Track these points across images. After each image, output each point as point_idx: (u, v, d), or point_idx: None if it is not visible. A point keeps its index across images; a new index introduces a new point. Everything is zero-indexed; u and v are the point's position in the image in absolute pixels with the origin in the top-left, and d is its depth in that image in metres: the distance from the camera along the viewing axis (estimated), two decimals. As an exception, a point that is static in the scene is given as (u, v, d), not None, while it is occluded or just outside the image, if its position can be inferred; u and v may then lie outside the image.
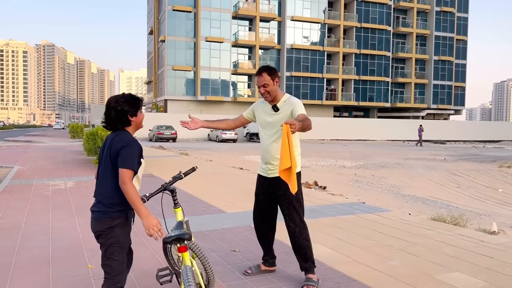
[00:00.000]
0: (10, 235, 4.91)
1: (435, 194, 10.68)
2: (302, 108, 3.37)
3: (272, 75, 3.40)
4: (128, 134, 2.58)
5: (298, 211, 3.42)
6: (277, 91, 3.44)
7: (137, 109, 2.62)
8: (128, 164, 2.43)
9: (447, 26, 57.92)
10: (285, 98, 3.46)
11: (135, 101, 2.62)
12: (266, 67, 3.42)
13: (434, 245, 4.60)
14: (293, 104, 3.38)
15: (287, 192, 3.30)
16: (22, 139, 34.21)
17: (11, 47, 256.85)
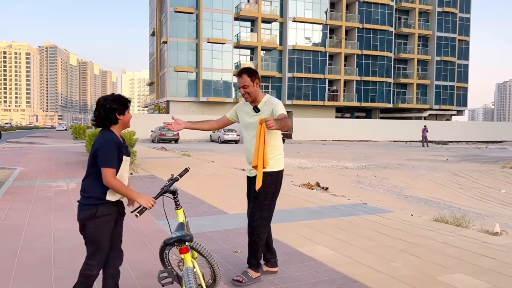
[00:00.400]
0: (12, 236, 4.92)
1: (437, 195, 10.66)
2: (282, 108, 3.42)
3: (252, 76, 3.44)
4: (107, 134, 2.74)
5: (262, 208, 3.46)
6: (257, 92, 3.49)
7: (125, 108, 2.78)
8: (107, 163, 2.62)
9: (449, 27, 57.82)
10: (265, 99, 3.51)
11: (123, 100, 2.78)
12: (246, 69, 3.47)
13: (437, 246, 4.59)
14: (273, 104, 3.43)
15: (258, 189, 3.38)
16: (24, 140, 34.29)
17: (14, 49, 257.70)
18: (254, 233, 3.47)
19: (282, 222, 5.74)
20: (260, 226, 3.47)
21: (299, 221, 5.79)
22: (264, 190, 3.43)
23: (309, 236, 5.01)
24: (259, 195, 3.44)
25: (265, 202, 3.47)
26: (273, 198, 3.53)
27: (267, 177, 3.42)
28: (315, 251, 4.41)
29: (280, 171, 3.53)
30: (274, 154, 3.47)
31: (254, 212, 3.47)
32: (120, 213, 2.87)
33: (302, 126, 42.73)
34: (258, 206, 3.46)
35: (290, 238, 4.93)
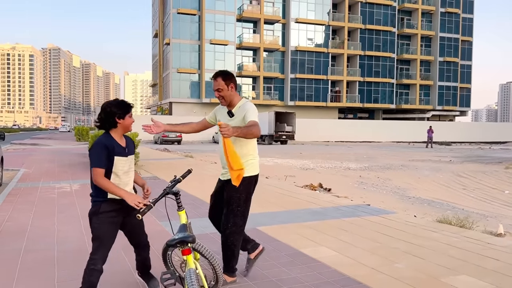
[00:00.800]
0: (16, 238, 4.93)
1: (440, 196, 10.62)
2: (253, 114, 3.33)
3: (227, 80, 3.39)
4: (101, 137, 2.94)
5: (235, 215, 3.41)
6: (233, 96, 3.43)
7: (125, 113, 2.93)
8: (93, 163, 2.84)
9: (452, 27, 57.73)
10: (240, 103, 3.46)
11: (124, 105, 2.95)
12: (221, 72, 3.43)
13: (440, 248, 4.57)
14: (246, 109, 3.37)
15: (230, 195, 3.38)
16: (28, 142, 34.40)
17: (17, 51, 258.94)
18: (228, 240, 3.43)
19: (285, 223, 5.73)
20: (234, 233, 3.43)
21: (302, 222, 5.78)
22: (236, 196, 3.39)
23: (312, 237, 5.00)
24: (232, 202, 3.40)
25: (238, 208, 3.42)
26: (246, 204, 3.48)
27: (240, 183, 3.36)
28: (318, 252, 4.40)
29: (252, 176, 3.47)
30: (246, 159, 3.42)
31: (228, 219, 3.42)
32: (129, 209, 2.92)
33: (304, 127, 42.70)
34: (231, 213, 3.41)
35: (292, 239, 4.92)
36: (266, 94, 51.35)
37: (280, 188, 9.20)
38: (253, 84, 51.79)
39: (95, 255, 2.88)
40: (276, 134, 36.71)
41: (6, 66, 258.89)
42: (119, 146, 2.95)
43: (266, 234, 5.13)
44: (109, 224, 2.91)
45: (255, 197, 7.99)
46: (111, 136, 2.95)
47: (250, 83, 51.75)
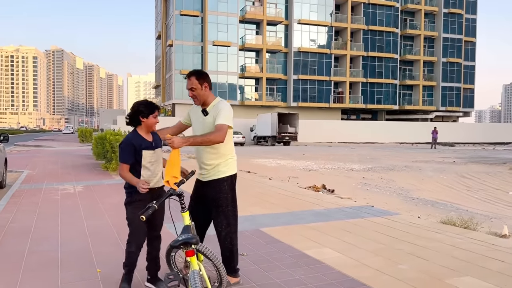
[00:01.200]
0: (20, 239, 4.95)
1: (444, 197, 10.58)
2: (224, 117, 3.31)
3: (201, 79, 3.41)
4: (130, 134, 3.29)
5: (227, 216, 3.46)
6: (206, 95, 3.44)
7: (149, 113, 3.22)
8: (120, 159, 3.21)
9: (455, 28, 57.57)
10: (215, 102, 3.46)
11: (149, 106, 3.24)
12: (195, 71, 3.46)
13: (444, 249, 4.55)
14: (219, 109, 3.35)
15: (218, 196, 3.41)
16: (31, 143, 34.53)
17: (21, 53, 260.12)
18: (226, 241, 3.47)
19: (288, 224, 5.72)
20: (230, 233, 3.48)
21: (305, 224, 5.76)
22: (224, 197, 3.42)
23: (316, 239, 4.99)
24: (221, 203, 3.43)
25: (228, 208, 3.46)
26: (234, 203, 3.52)
27: (223, 183, 3.43)
28: (321, 254, 4.39)
29: (233, 174, 3.52)
30: (225, 159, 3.45)
31: (221, 221, 3.45)
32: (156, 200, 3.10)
33: (307, 128, 42.67)
34: (223, 214, 3.45)
35: (296, 240, 4.91)
36: (269, 95, 51.36)
37: (283, 189, 9.19)
38: (256, 85, 51.80)
39: (130, 239, 3.31)
40: (279, 135, 36.71)
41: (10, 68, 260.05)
42: (145, 141, 3.26)
43: (270, 236, 5.12)
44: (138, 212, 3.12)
45: (259, 198, 8.00)
46: (137, 133, 3.27)
47: (253, 84, 51.76)
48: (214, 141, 3.21)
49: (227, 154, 3.48)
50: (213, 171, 3.44)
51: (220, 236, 3.49)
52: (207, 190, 3.49)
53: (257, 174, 12.88)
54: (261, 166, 16.36)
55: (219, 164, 3.44)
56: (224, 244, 3.48)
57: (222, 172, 3.43)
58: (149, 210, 2.67)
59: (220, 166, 3.44)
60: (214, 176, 3.44)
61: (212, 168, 3.44)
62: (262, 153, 24.82)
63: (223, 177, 3.44)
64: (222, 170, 3.44)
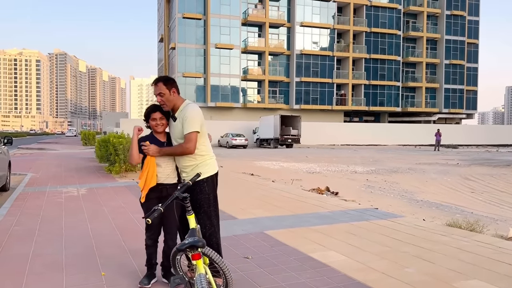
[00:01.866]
0: (24, 242, 4.94)
1: (449, 199, 10.52)
2: (189, 125, 3.32)
3: (168, 84, 3.41)
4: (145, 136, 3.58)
5: (209, 216, 3.48)
6: (175, 100, 3.44)
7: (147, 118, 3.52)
8: None
9: (458, 30, 57.50)
10: (182, 107, 3.45)
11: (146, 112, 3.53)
12: (162, 77, 3.47)
13: (450, 252, 4.52)
14: (185, 116, 3.35)
15: (199, 197, 3.43)
16: (35, 146, 34.62)
17: (24, 56, 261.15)
18: (211, 241, 3.45)
19: (293, 227, 5.70)
20: (214, 233, 3.51)
21: (310, 226, 5.74)
22: (206, 197, 3.45)
23: (320, 242, 4.96)
24: (202, 203, 3.44)
25: (210, 209, 3.48)
26: (215, 202, 3.55)
27: (203, 184, 3.43)
28: (327, 257, 4.36)
29: (213, 174, 3.54)
30: (202, 160, 3.47)
31: (204, 221, 3.46)
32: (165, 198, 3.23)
33: (310, 131, 42.64)
34: (206, 215, 3.46)
35: (301, 243, 4.88)
36: (271, 98, 51.37)
37: (287, 192, 9.16)
38: (258, 88, 51.82)
39: (146, 234, 3.58)
40: (282, 138, 36.68)
41: (13, 71, 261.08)
42: (156, 140, 3.50)
43: (274, 238, 5.09)
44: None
45: (262, 201, 7.97)
46: (152, 135, 3.56)
47: (256, 87, 51.78)
48: (184, 153, 3.33)
49: (204, 155, 3.48)
50: (193, 172, 3.43)
51: (204, 236, 3.45)
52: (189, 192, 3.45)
53: (260, 176, 12.86)
54: (264, 169, 16.34)
55: (197, 166, 3.44)
56: (210, 245, 3.42)
57: (202, 173, 3.43)
58: (155, 213, 2.65)
59: (199, 167, 3.44)
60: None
61: (191, 170, 3.44)
62: (265, 156, 24.80)
63: (203, 178, 3.43)
64: (202, 171, 3.43)
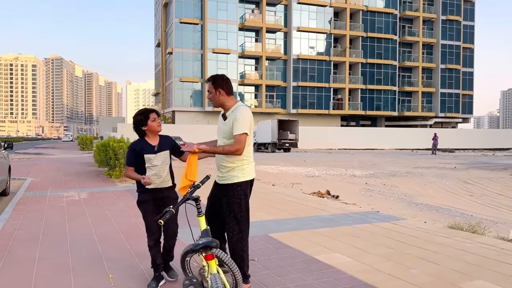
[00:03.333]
0: (29, 246, 4.94)
1: (448, 202, 10.59)
2: (240, 126, 3.36)
3: (216, 85, 3.50)
4: (134, 141, 3.71)
5: (239, 222, 3.44)
6: (222, 100, 3.52)
7: (146, 119, 3.55)
8: (126, 163, 3.66)
9: (453, 35, 57.90)
10: (233, 108, 3.51)
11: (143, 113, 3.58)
12: (212, 77, 3.55)
13: (455, 253, 4.56)
14: (236, 118, 3.39)
15: (231, 201, 3.41)
16: (32, 151, 34.50)
17: (20, 61, 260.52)
18: (236, 248, 3.44)
19: (296, 230, 5.73)
20: (241, 240, 3.45)
21: (313, 229, 5.77)
22: (237, 202, 3.42)
23: (325, 244, 4.99)
24: (233, 208, 3.42)
25: (241, 214, 3.44)
26: (246, 208, 3.50)
27: (236, 188, 3.42)
28: (332, 259, 4.39)
29: (249, 180, 3.51)
30: (240, 163, 3.46)
31: (232, 226, 3.44)
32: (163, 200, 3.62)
33: (307, 135, 42.71)
34: (235, 220, 3.43)
35: (305, 245, 4.91)
36: (268, 102, 51.48)
37: (288, 195, 9.20)
38: (255, 92, 51.94)
39: (148, 237, 3.64)
40: (279, 142, 36.71)
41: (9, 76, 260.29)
42: (148, 146, 3.59)
43: (279, 241, 5.12)
44: (150, 211, 3.60)
45: (264, 204, 8.00)
46: (143, 139, 3.63)
47: (253, 92, 51.90)
48: (232, 154, 3.36)
49: (243, 158, 3.47)
50: (228, 174, 3.46)
51: (231, 241, 3.46)
52: (222, 194, 3.53)
53: (260, 180, 12.88)
54: (263, 173, 16.37)
55: (234, 169, 3.45)
56: (235, 250, 3.45)
57: (237, 177, 3.43)
58: (167, 214, 2.68)
59: (235, 170, 3.45)
60: (228, 181, 3.46)
61: (227, 171, 3.46)
62: (263, 160, 24.83)
63: (237, 182, 3.44)
64: (237, 175, 3.44)
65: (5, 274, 3.97)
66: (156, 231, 3.61)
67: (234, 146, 3.33)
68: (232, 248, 3.48)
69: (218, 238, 3.72)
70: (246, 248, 3.50)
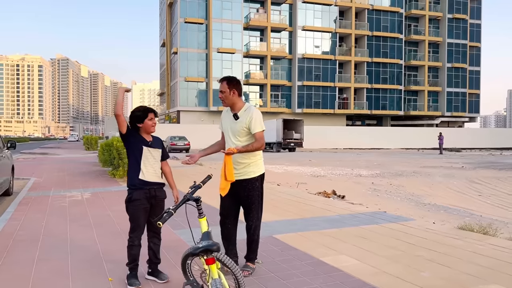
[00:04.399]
0: (29, 247, 4.84)
1: (456, 202, 10.39)
2: (259, 125, 3.73)
3: (230, 85, 3.77)
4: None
5: (257, 210, 3.87)
6: (234, 100, 3.80)
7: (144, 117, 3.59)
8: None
9: (460, 33, 57.42)
10: (245, 108, 3.82)
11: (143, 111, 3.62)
12: (227, 77, 3.84)
13: (466, 256, 4.40)
14: (251, 117, 3.72)
15: (251, 194, 3.78)
16: (37, 151, 34.58)
17: (26, 61, 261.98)
18: (254, 233, 3.87)
19: (302, 231, 5.59)
20: (258, 226, 3.90)
21: (319, 230, 5.63)
22: (256, 194, 3.81)
23: (331, 245, 4.85)
24: (253, 200, 3.80)
25: (258, 204, 3.87)
26: (262, 199, 3.93)
27: (254, 183, 3.79)
28: (338, 261, 4.25)
29: (263, 173, 3.92)
30: (255, 159, 3.81)
31: (252, 216, 3.84)
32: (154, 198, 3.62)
33: (312, 134, 42.52)
34: (255, 210, 3.84)
35: (311, 247, 4.77)
36: (273, 102, 51.32)
37: (293, 195, 9.06)
38: (260, 92, 51.80)
39: (132, 234, 3.58)
40: (284, 142, 36.57)
41: (15, 76, 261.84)
42: (144, 140, 3.64)
43: (284, 243, 4.99)
44: (140, 210, 3.56)
45: (269, 204, 7.87)
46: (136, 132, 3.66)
47: (257, 91, 51.76)
48: (259, 149, 3.71)
49: (256, 154, 3.81)
50: (244, 170, 3.76)
51: (250, 229, 3.86)
52: (239, 189, 3.79)
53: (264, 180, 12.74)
54: (268, 172, 16.19)
55: (250, 164, 3.77)
56: (253, 235, 3.88)
57: (253, 172, 3.77)
58: (166, 216, 2.56)
59: (251, 166, 3.77)
60: (245, 176, 3.76)
61: (243, 167, 3.75)
62: (268, 159, 24.70)
63: (255, 177, 3.79)
64: (253, 170, 3.78)
65: (2, 275, 3.86)
66: (142, 231, 3.63)
67: (260, 142, 3.67)
68: (250, 235, 3.88)
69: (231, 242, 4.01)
70: (259, 232, 3.96)
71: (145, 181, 3.57)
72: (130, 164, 3.64)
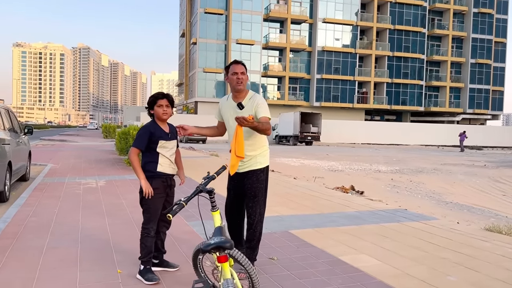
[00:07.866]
0: (39, 234, 4.74)
1: (479, 202, 10.01)
2: (265, 110, 3.51)
3: (246, 70, 3.61)
4: (149, 122, 3.51)
5: (260, 205, 3.61)
6: (245, 86, 3.63)
7: (153, 104, 3.46)
8: (134, 144, 3.44)
9: (485, 28, 55.84)
10: (249, 96, 3.61)
11: (153, 97, 3.48)
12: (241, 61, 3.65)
13: (495, 259, 4.12)
14: (257, 104, 3.52)
15: (255, 186, 3.55)
16: (56, 138, 35.02)
17: (49, 50, 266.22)
18: (256, 230, 3.60)
19: (319, 227, 5.37)
20: (260, 222, 3.63)
21: (337, 227, 5.40)
22: (260, 187, 3.59)
23: (350, 244, 4.62)
24: (257, 193, 3.57)
25: (263, 198, 3.64)
26: (266, 193, 3.68)
27: (260, 174, 3.58)
28: (358, 261, 4.02)
29: (268, 165, 3.71)
30: (261, 150, 3.62)
31: (255, 210, 3.58)
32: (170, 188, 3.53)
33: (330, 128, 42.04)
34: (258, 204, 3.59)
35: (329, 245, 4.55)
36: (291, 95, 50.88)
37: (310, 189, 8.82)
38: (278, 84, 51.40)
39: (147, 225, 3.44)
40: (301, 135, 36.23)
41: (38, 64, 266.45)
42: (162, 131, 3.47)
43: (300, 239, 4.77)
44: (157, 199, 3.42)
45: (285, 198, 7.66)
46: (156, 123, 3.49)
47: (276, 83, 51.36)
48: (266, 132, 3.41)
49: (263, 145, 3.64)
50: (250, 162, 3.56)
51: (252, 225, 3.59)
52: (244, 180, 3.60)
53: (281, 173, 12.53)
54: (284, 165, 16.00)
55: (256, 156, 3.58)
56: (254, 232, 3.60)
57: (260, 163, 3.58)
58: (177, 208, 2.37)
59: (258, 157, 3.59)
60: (252, 167, 3.56)
61: (249, 159, 3.56)
62: (285, 152, 24.44)
63: (261, 168, 3.59)
64: (260, 161, 3.58)
65: (10, 263, 3.75)
66: (156, 220, 3.51)
67: (269, 124, 3.43)
68: (251, 231, 3.61)
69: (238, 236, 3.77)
70: (261, 230, 3.68)
71: (162, 173, 3.48)
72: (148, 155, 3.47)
